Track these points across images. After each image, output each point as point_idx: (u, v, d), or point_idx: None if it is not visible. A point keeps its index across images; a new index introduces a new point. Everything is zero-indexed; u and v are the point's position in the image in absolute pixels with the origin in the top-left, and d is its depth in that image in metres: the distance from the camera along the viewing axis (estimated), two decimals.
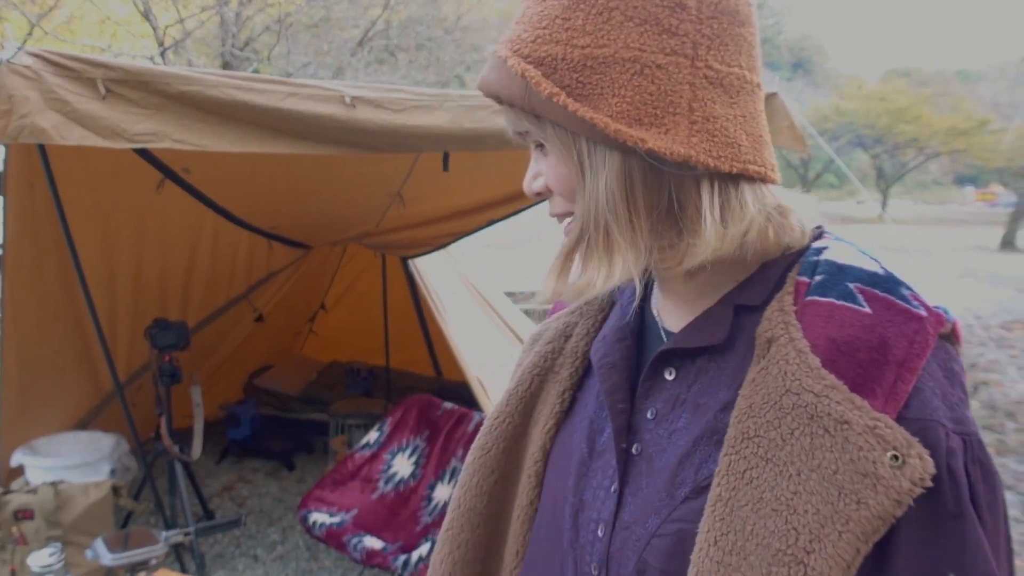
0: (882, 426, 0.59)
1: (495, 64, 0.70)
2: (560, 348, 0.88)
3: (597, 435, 0.80)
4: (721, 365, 0.71)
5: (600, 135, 0.66)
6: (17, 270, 3.16)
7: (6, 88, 2.18)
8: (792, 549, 0.59)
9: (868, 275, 0.67)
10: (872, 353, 0.62)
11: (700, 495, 0.67)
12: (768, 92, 3.10)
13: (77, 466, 3.51)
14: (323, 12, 12.29)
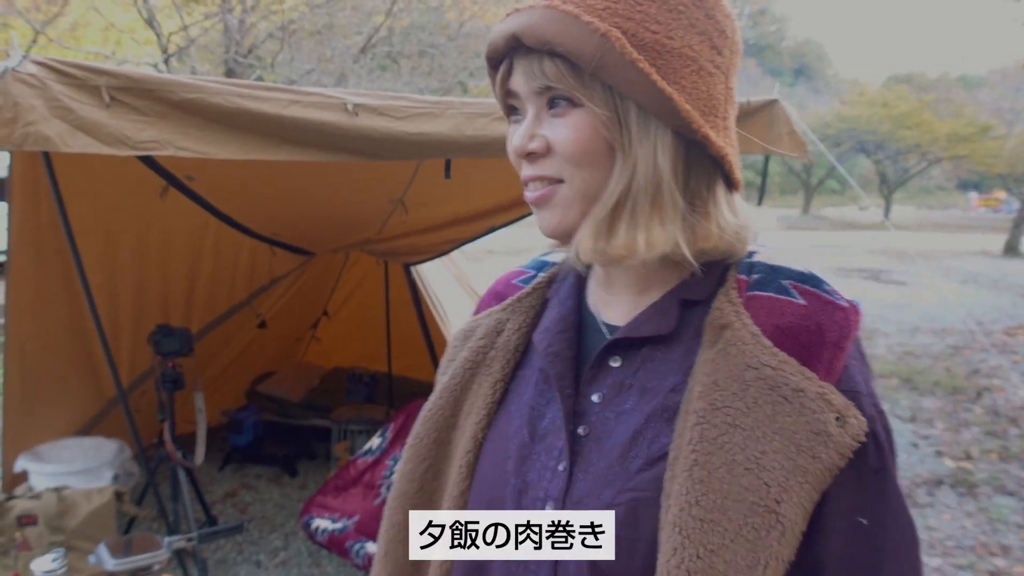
0: (828, 392, 0.70)
1: (556, 16, 0.72)
2: (492, 343, 0.92)
3: (538, 420, 0.84)
4: (667, 353, 0.79)
5: (668, 109, 0.72)
6: (21, 276, 3.18)
7: (11, 96, 2.19)
8: (765, 500, 0.68)
9: (797, 273, 0.78)
10: (811, 336, 0.73)
11: (653, 466, 0.74)
12: (768, 99, 3.12)
13: (80, 472, 3.52)
14: (326, 19, 12.34)
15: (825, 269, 7.40)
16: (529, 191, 0.79)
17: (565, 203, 0.77)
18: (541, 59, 0.74)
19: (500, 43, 0.77)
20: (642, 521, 0.73)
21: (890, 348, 8.47)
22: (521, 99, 0.78)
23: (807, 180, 34.45)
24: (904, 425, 5.86)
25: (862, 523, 0.71)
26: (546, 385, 0.85)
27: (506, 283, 0.98)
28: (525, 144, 0.77)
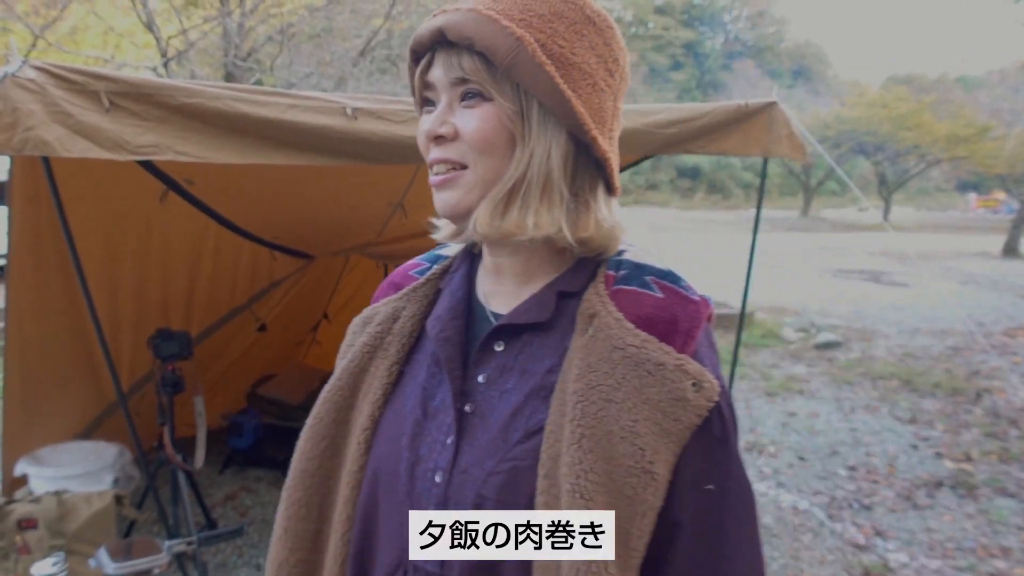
0: (685, 363, 0.81)
1: (479, 18, 0.81)
2: (389, 329, 1.00)
3: (430, 400, 0.93)
4: (544, 339, 0.89)
5: (566, 111, 0.83)
6: (21, 280, 3.18)
7: (11, 101, 2.19)
8: (641, 463, 0.79)
9: (658, 271, 0.89)
10: (667, 325, 0.84)
11: (530, 439, 0.84)
12: (767, 102, 3.12)
13: (80, 476, 3.52)
14: (325, 23, 12.35)
15: (824, 271, 7.50)
16: (434, 174, 0.87)
17: (467, 186, 0.85)
18: (460, 54, 0.83)
19: (426, 37, 0.85)
20: (521, 486, 0.83)
21: (890, 350, 8.48)
22: (437, 90, 0.86)
23: (806, 182, 34.46)
24: (904, 427, 5.87)
25: (710, 489, 0.82)
26: (437, 368, 0.94)
27: (403, 274, 1.06)
28: (436, 128, 0.85)
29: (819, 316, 10.15)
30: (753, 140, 3.13)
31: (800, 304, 11.17)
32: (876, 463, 5.09)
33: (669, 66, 47.19)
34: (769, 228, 4.74)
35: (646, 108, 2.95)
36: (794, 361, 7.96)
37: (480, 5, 0.83)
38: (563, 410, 0.82)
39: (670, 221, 30.44)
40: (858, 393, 6.80)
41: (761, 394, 6.74)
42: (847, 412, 6.24)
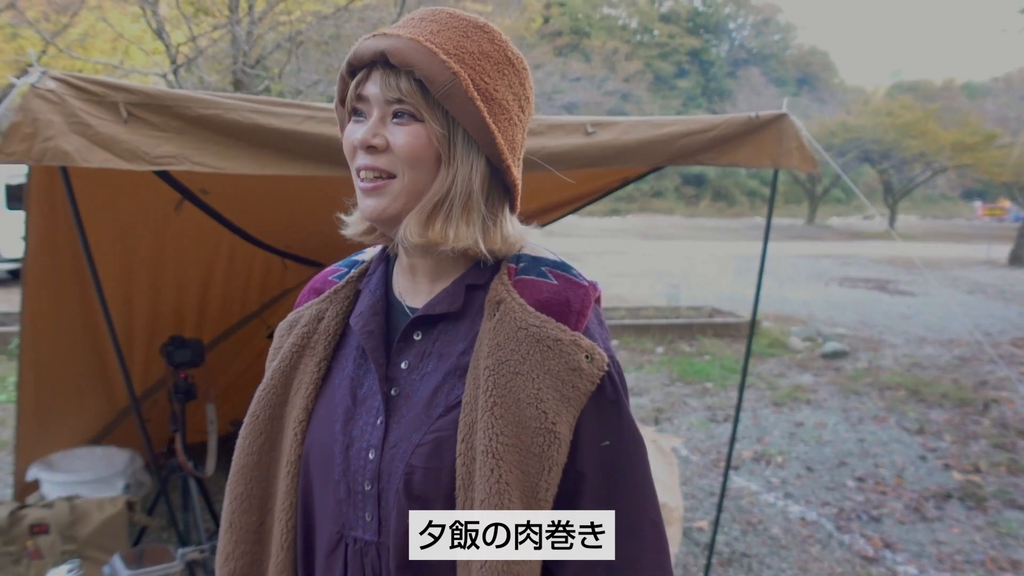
0: (579, 339, 0.94)
1: (419, 48, 0.91)
2: (315, 329, 1.09)
3: (358, 388, 1.03)
4: (456, 326, 1.00)
5: (488, 141, 0.94)
6: (37, 286, 3.21)
7: (31, 112, 2.22)
8: (545, 424, 0.91)
9: (551, 262, 1.02)
10: (561, 307, 0.97)
11: (451, 412, 0.95)
12: (777, 113, 3.13)
13: (92, 481, 3.54)
14: (333, 30, 12.38)
15: (830, 280, 7.49)
16: (363, 181, 0.96)
17: (393, 194, 0.95)
18: (399, 76, 0.92)
19: (367, 56, 0.94)
20: (444, 453, 0.94)
21: (897, 359, 8.47)
22: (370, 103, 0.95)
23: (812, 190, 34.44)
24: (912, 437, 5.86)
25: (606, 444, 0.95)
26: (363, 359, 1.04)
27: (323, 280, 1.16)
28: (370, 138, 0.94)
29: (826, 325, 10.15)
30: (764, 152, 3.13)
31: (806, 313, 11.17)
32: (884, 474, 5.09)
33: (674, 74, 47.23)
34: (774, 236, 4.77)
35: (657, 120, 2.96)
36: (801, 370, 7.96)
37: (419, 35, 0.93)
38: (476, 384, 0.94)
39: (674, 228, 30.43)
40: (865, 403, 6.79)
41: (768, 404, 6.73)
42: (855, 422, 6.23)
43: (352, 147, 0.97)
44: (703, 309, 10.67)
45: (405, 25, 0.96)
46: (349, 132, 0.98)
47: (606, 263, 16.89)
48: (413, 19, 0.98)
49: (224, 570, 1.09)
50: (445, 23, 0.96)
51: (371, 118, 0.95)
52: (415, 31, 0.94)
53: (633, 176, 3.66)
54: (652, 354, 8.50)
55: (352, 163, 0.98)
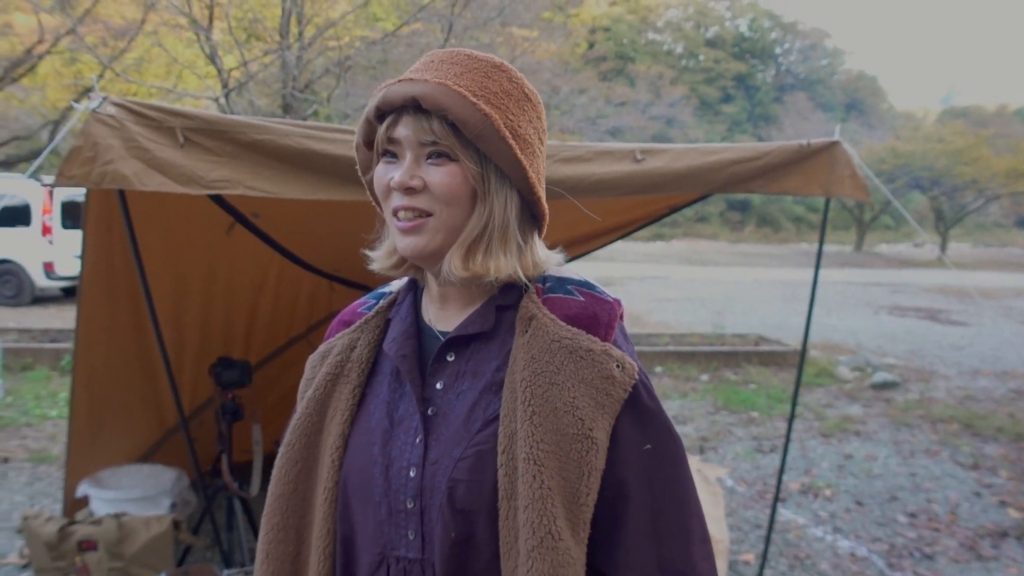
0: (609, 349, 1.00)
1: (450, 92, 0.96)
2: (348, 357, 1.12)
3: (394, 411, 1.06)
4: (488, 345, 1.05)
5: (520, 176, 1.00)
6: (92, 305, 3.28)
7: (92, 136, 2.28)
8: (582, 431, 0.95)
9: (576, 281, 1.08)
10: (590, 320, 1.02)
11: (489, 426, 0.99)
12: (829, 141, 3.09)
13: (139, 499, 3.59)
14: (381, 55, 12.59)
15: (879, 308, 7.33)
16: (401, 221, 0.99)
17: (432, 232, 0.99)
18: (431, 119, 0.96)
19: (398, 101, 0.97)
20: (486, 466, 0.98)
21: (950, 391, 8.25)
22: (402, 145, 0.99)
23: (860, 216, 33.91)
24: (966, 473, 5.69)
25: (647, 448, 1.00)
26: (398, 383, 1.08)
27: (351, 312, 1.19)
28: (407, 180, 0.97)
29: (875, 355, 9.93)
30: (815, 180, 3.09)
31: (855, 342, 10.95)
32: (937, 510, 4.94)
33: (720, 99, 47.01)
34: (822, 263, 4.69)
35: (706, 147, 2.94)
36: (849, 401, 7.79)
37: (447, 80, 0.97)
38: (514, 396, 0.98)
39: (719, 254, 30.16)
40: (917, 436, 6.62)
41: (816, 434, 6.60)
42: (906, 456, 6.07)
43: (386, 188, 1.00)
44: (748, 337, 10.52)
45: (427, 69, 1.00)
46: (382, 173, 1.01)
47: (650, 288, 16.78)
48: (433, 62, 1.01)
49: None
50: (466, 65, 1.01)
51: (405, 160, 0.99)
52: (440, 75, 0.98)
53: (681, 203, 3.63)
54: (696, 382, 8.40)
55: (386, 203, 1.02)
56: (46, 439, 5.84)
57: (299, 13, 11.71)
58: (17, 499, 4.68)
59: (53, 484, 4.86)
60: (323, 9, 12.86)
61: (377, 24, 14.59)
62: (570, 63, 23.18)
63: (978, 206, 33.26)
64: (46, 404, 6.72)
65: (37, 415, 6.42)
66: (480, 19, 12.42)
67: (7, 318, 10.82)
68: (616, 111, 26.76)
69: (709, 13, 53.00)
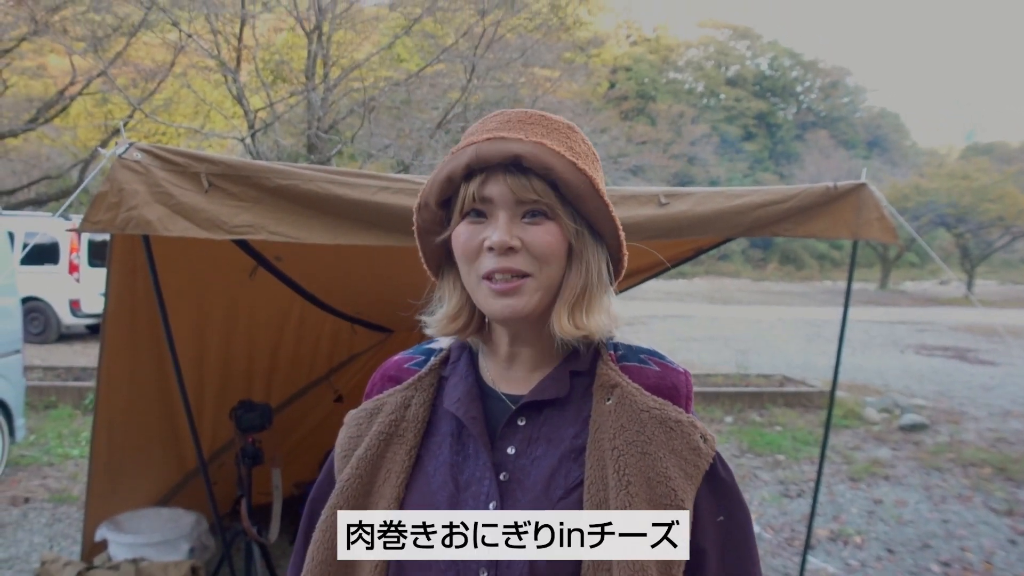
0: (694, 420, 1.01)
1: (550, 152, 0.96)
2: (403, 416, 1.07)
3: (459, 474, 1.02)
4: (562, 411, 1.03)
5: (613, 233, 1.02)
6: (114, 347, 3.28)
7: (117, 182, 2.29)
8: (675, 501, 0.96)
9: (647, 350, 1.08)
10: (671, 391, 1.03)
11: (571, 494, 0.98)
12: (856, 183, 3.06)
13: (158, 543, 3.56)
14: (404, 95, 12.73)
15: (906, 347, 7.20)
16: (496, 283, 0.97)
17: (530, 292, 0.97)
18: (531, 179, 0.95)
19: (496, 159, 0.95)
20: None
21: (980, 434, 8.07)
22: (495, 204, 0.97)
23: (884, 254, 33.63)
24: (1000, 519, 5.53)
25: (721, 519, 1.02)
26: (460, 445, 1.04)
27: (397, 368, 1.14)
28: (508, 240, 0.95)
29: (903, 395, 9.75)
30: (842, 223, 3.05)
31: (881, 382, 10.78)
32: (972, 559, 4.79)
33: (741, 137, 47.08)
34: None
35: (731, 191, 2.91)
36: (878, 444, 7.63)
37: (542, 139, 0.97)
38: (602, 464, 0.97)
39: (742, 292, 29.98)
40: (948, 481, 6.46)
41: (844, 479, 6.46)
42: (937, 501, 5.92)
43: (476, 249, 0.98)
44: (773, 377, 10.38)
45: (507, 128, 0.99)
46: (472, 233, 0.98)
47: (672, 327, 16.68)
48: (510, 121, 1.00)
49: None
50: (547, 125, 1.01)
51: (498, 219, 0.96)
52: (531, 134, 0.98)
53: (706, 246, 3.60)
54: (721, 423, 8.28)
55: (471, 264, 0.99)
56: (67, 479, 5.84)
57: (325, 55, 11.90)
58: (36, 540, 4.66)
59: (73, 525, 4.84)
60: (348, 51, 13.06)
61: (401, 65, 14.81)
62: (592, 103, 23.35)
63: (1004, 243, 32.88)
64: (68, 443, 6.73)
65: (59, 454, 6.42)
66: (503, 60, 12.54)
67: (33, 356, 10.91)
68: (638, 149, 26.83)
69: (730, 52, 53.36)
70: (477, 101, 13.03)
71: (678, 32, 54.89)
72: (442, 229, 1.04)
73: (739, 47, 54.43)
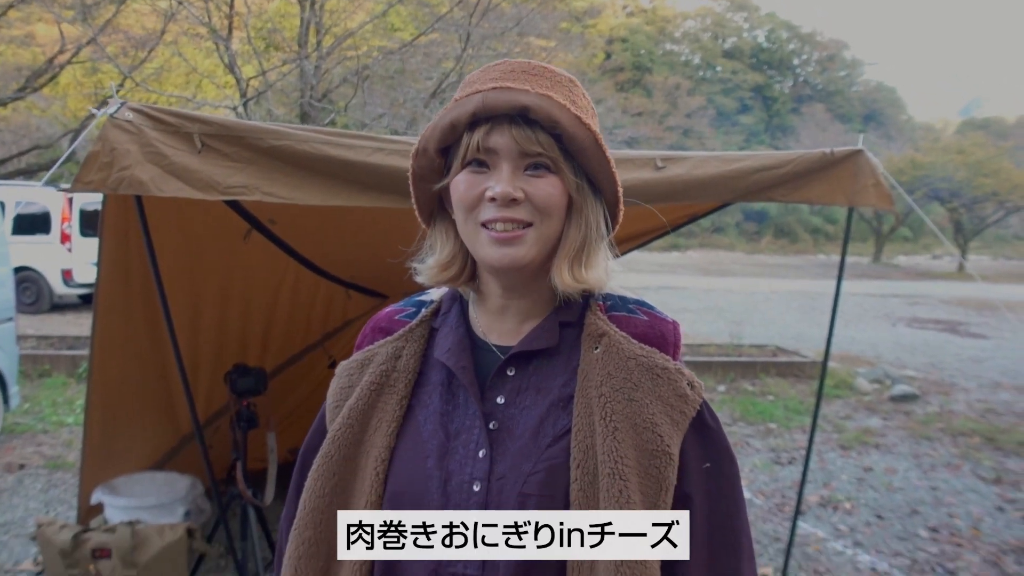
0: (681, 367, 1.02)
1: (556, 105, 0.96)
2: (393, 367, 1.08)
3: (449, 423, 1.03)
4: (551, 361, 1.04)
5: (613, 188, 1.03)
6: (107, 313, 3.27)
7: (109, 141, 2.27)
8: (662, 447, 0.97)
9: (634, 300, 1.09)
10: (659, 339, 1.04)
11: (559, 441, 0.99)
12: (853, 150, 3.05)
13: (153, 507, 3.57)
14: (399, 65, 12.63)
15: (898, 320, 7.24)
16: (497, 232, 0.97)
17: (530, 243, 0.98)
18: (536, 131, 0.95)
19: (502, 109, 0.95)
20: (558, 480, 0.97)
21: (970, 405, 8.13)
22: (498, 155, 0.97)
23: (878, 227, 33.67)
24: (988, 487, 5.59)
25: (707, 466, 1.02)
26: (450, 395, 1.05)
27: (388, 319, 1.15)
28: (511, 191, 0.95)
29: (894, 367, 9.81)
30: (838, 189, 3.05)
31: (873, 354, 10.84)
32: (959, 525, 4.85)
33: (737, 109, 46.85)
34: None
35: (728, 155, 2.91)
36: (868, 413, 7.69)
37: (549, 92, 0.97)
38: (589, 411, 0.98)
39: (735, 265, 30.02)
40: (938, 449, 6.52)
41: (835, 447, 6.51)
42: (927, 469, 5.98)
43: (477, 198, 0.98)
44: (766, 348, 10.43)
45: (512, 78, 0.98)
46: (473, 183, 0.98)
47: (666, 298, 16.70)
48: (514, 71, 1.00)
49: None
50: (551, 78, 1.00)
51: (500, 170, 0.97)
52: (537, 86, 0.98)
53: (701, 212, 3.59)
54: (714, 392, 8.32)
55: (472, 213, 0.99)
56: (62, 446, 5.85)
57: (317, 23, 11.78)
58: (32, 506, 4.68)
59: (68, 491, 4.86)
60: (341, 19, 12.93)
61: (395, 34, 14.68)
62: (587, 73, 23.20)
63: (998, 218, 32.95)
64: (63, 411, 6.74)
65: (53, 422, 6.43)
66: (498, 29, 12.43)
67: (26, 325, 10.88)
68: (633, 121, 26.72)
69: (727, 24, 52.93)
70: (471, 71, 12.92)
71: (675, 3, 54.42)
72: (439, 176, 1.04)
73: (736, 19, 53.97)
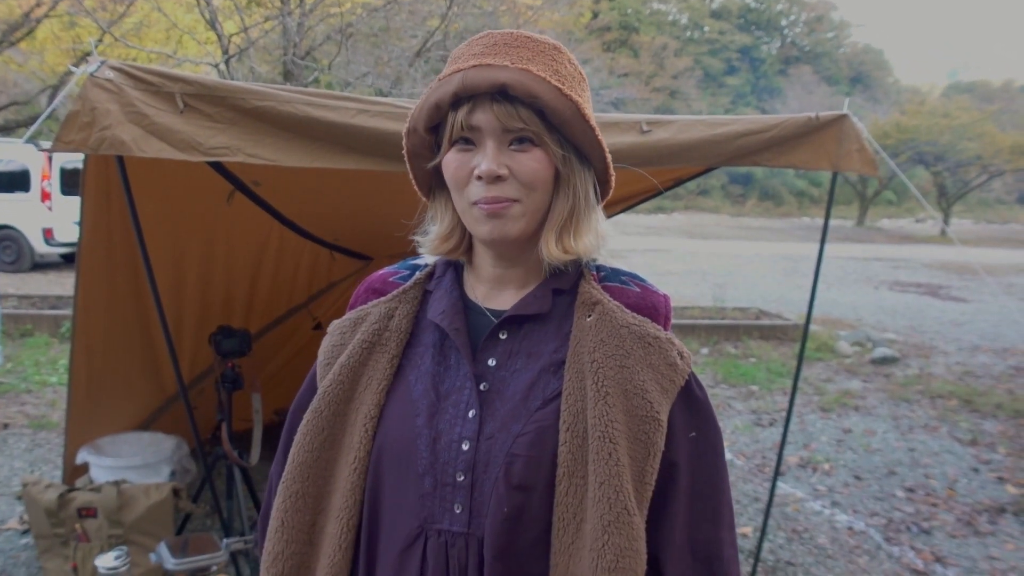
0: (671, 337, 1.05)
1: (535, 79, 0.96)
2: (386, 326, 1.10)
3: (440, 383, 1.06)
4: (543, 327, 1.06)
5: (600, 157, 1.03)
6: (91, 273, 3.25)
7: (89, 101, 2.24)
8: (651, 413, 0.99)
9: (627, 273, 1.12)
10: (650, 310, 1.07)
11: (548, 404, 1.01)
12: (838, 114, 3.05)
13: (139, 467, 3.59)
14: (383, 22, 12.42)
15: (880, 283, 7.32)
16: (485, 203, 0.98)
17: (516, 217, 0.99)
18: (517, 106, 0.96)
19: (483, 87, 0.95)
20: (546, 442, 0.99)
21: (949, 367, 8.25)
22: (482, 133, 0.98)
23: (863, 191, 33.76)
24: (964, 448, 5.70)
25: (693, 435, 1.05)
26: (442, 356, 1.07)
27: (382, 281, 1.17)
28: (496, 169, 0.96)
29: (875, 330, 9.92)
30: (823, 154, 3.05)
31: (855, 317, 10.95)
32: (935, 485, 4.95)
33: (724, 71, 46.62)
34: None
35: (713, 119, 2.90)
36: (849, 376, 7.79)
37: (528, 65, 0.97)
38: (580, 376, 1.00)
39: (720, 228, 30.08)
40: (916, 412, 6.63)
41: (815, 409, 6.61)
42: (905, 431, 6.08)
43: (466, 176, 0.99)
44: (749, 311, 10.51)
45: (494, 53, 0.99)
46: (461, 161, 1.00)
47: (651, 261, 16.75)
48: (497, 45, 1.00)
49: (272, 570, 1.09)
50: (533, 49, 1.00)
51: (485, 147, 0.98)
52: (513, 60, 0.98)
53: (686, 176, 3.60)
54: (696, 355, 8.40)
55: (464, 190, 1.01)
56: (46, 405, 5.85)
57: None
58: (17, 465, 4.69)
59: (53, 450, 4.88)
60: None
61: None
62: (574, 33, 22.94)
63: (982, 182, 33.09)
64: (46, 371, 6.73)
65: (37, 381, 6.42)
66: None
67: (7, 284, 10.80)
68: (619, 82, 26.54)
69: None
70: (457, 29, 12.73)
71: None
72: (432, 153, 1.06)
73: None
